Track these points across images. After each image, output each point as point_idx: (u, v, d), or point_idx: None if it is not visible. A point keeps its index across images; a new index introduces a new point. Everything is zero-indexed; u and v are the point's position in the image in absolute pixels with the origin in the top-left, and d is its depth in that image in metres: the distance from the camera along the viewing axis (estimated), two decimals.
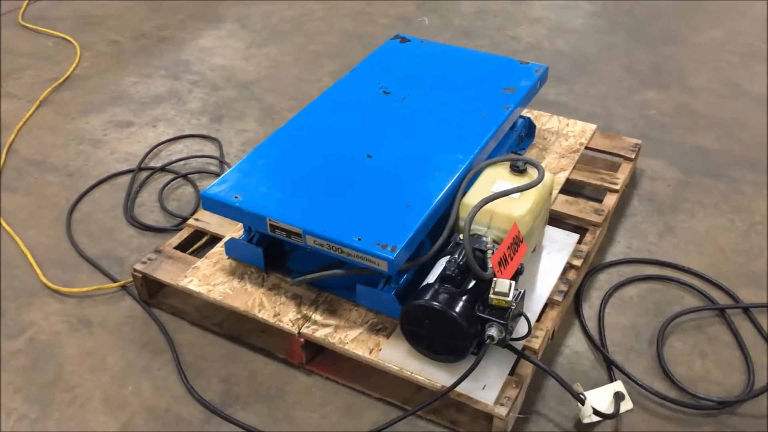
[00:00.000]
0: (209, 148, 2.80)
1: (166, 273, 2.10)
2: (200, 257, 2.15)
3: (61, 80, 3.19)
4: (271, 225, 1.85)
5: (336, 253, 1.79)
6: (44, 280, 2.24)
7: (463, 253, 1.84)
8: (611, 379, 1.94)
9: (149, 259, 2.14)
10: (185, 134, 2.87)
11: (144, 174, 2.67)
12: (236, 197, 1.90)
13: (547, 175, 2.07)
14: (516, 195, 1.96)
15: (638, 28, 3.58)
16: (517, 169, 2.04)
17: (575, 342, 2.06)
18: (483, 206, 1.87)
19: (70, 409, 1.87)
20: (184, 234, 2.26)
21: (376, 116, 2.24)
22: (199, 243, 2.29)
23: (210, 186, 1.95)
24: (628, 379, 1.93)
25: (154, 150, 2.78)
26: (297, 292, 2.02)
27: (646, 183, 2.62)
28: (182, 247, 2.24)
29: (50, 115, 3.00)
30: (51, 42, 3.50)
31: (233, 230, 2.21)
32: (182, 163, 2.73)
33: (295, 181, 1.97)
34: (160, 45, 3.48)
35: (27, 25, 3.62)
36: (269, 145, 2.12)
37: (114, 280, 2.24)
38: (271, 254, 2.09)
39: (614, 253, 2.34)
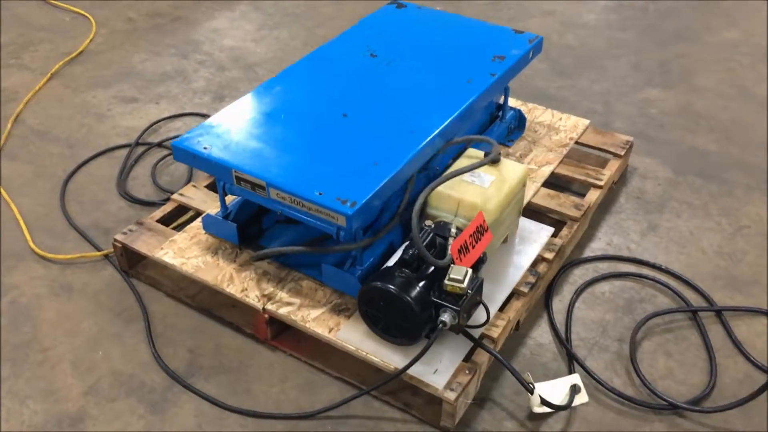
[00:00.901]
0: None
1: (144, 244, 2.16)
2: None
3: (73, 54, 3.28)
4: (236, 176, 1.87)
5: (297, 207, 1.80)
6: (32, 245, 2.32)
7: (426, 238, 1.86)
8: (570, 372, 1.94)
9: (130, 230, 2.21)
10: (185, 112, 2.93)
11: (141, 149, 2.74)
12: (205, 148, 1.92)
13: (520, 167, 2.08)
14: (485, 183, 1.97)
15: (652, 26, 3.53)
16: (492, 160, 2.05)
17: (540, 334, 2.07)
18: (430, 192, 1.89)
19: (40, 369, 1.95)
20: (167, 208, 2.32)
21: (358, 78, 2.23)
22: (182, 218, 2.35)
23: (181, 136, 1.98)
24: (587, 373, 1.93)
25: (154, 126, 2.85)
26: (267, 269, 2.06)
27: (636, 181, 2.60)
28: (165, 221, 2.29)
29: (59, 88, 3.08)
30: (69, 17, 3.60)
31: (215, 206, 2.26)
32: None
33: (265, 137, 1.98)
34: (174, 24, 3.55)
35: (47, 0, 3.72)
36: (245, 101, 2.13)
37: (98, 249, 2.31)
38: (246, 231, 2.14)
39: (593, 249, 2.34)
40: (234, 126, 2.02)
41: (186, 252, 2.12)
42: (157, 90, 3.08)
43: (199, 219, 2.21)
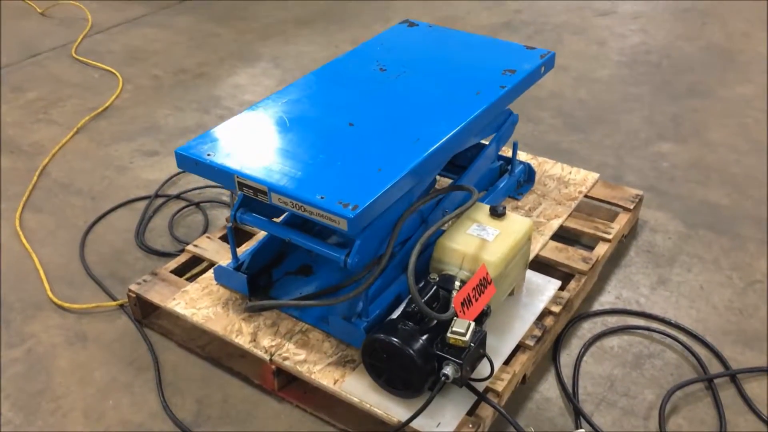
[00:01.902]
0: None
1: (157, 294, 2.21)
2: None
3: (100, 110, 3.40)
4: (239, 182, 1.85)
5: (299, 211, 1.78)
6: (50, 295, 2.38)
7: (431, 291, 1.89)
8: (577, 428, 1.93)
9: (144, 281, 2.26)
10: None
11: (160, 200, 2.82)
12: (209, 155, 1.92)
13: (525, 221, 2.10)
14: (490, 237, 2.00)
15: (665, 81, 3.57)
16: (496, 213, 2.08)
17: (547, 388, 2.06)
18: (420, 248, 1.90)
19: (52, 417, 1.99)
20: (181, 259, 2.38)
21: (366, 89, 2.24)
22: (196, 269, 2.40)
23: (185, 144, 1.99)
24: (594, 429, 1.91)
25: (173, 178, 2.93)
26: (276, 320, 2.09)
27: (646, 234, 2.60)
28: (179, 271, 2.35)
29: (84, 142, 3.20)
30: (98, 74, 3.74)
31: (227, 258, 2.31)
32: (197, 192, 2.86)
33: (269, 144, 1.98)
34: (197, 80, 3.67)
35: (78, 57, 3.88)
36: (251, 112, 2.13)
37: (114, 299, 2.37)
38: (257, 283, 2.18)
39: (602, 302, 2.34)
40: (238, 134, 2.02)
41: (197, 302, 2.16)
42: (178, 143, 3.17)
43: (212, 270, 2.26)
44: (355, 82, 2.29)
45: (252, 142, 1.99)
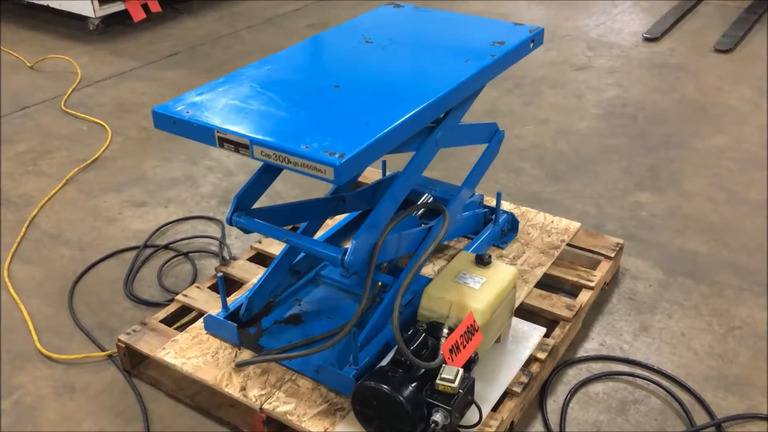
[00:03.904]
0: (213, 229, 2.97)
1: (146, 344, 2.22)
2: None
3: (89, 161, 3.44)
4: (219, 138, 1.80)
5: (282, 163, 1.73)
6: (39, 346, 2.38)
7: (420, 338, 1.92)
8: None
9: (133, 331, 2.27)
10: (192, 215, 3.05)
11: (149, 251, 2.84)
12: (187, 112, 1.87)
13: (510, 269, 2.16)
14: (476, 285, 2.05)
15: (641, 133, 3.68)
16: (482, 261, 2.14)
17: None
18: (401, 298, 1.95)
19: None
20: (171, 308, 2.39)
21: (352, 58, 2.20)
22: (185, 318, 2.42)
23: (162, 104, 1.94)
24: None
25: (162, 229, 2.96)
26: (265, 369, 2.11)
27: (627, 282, 2.66)
28: (169, 321, 2.36)
29: (73, 193, 3.23)
30: (86, 126, 3.79)
31: (218, 306, 2.33)
32: (185, 242, 2.89)
33: (250, 102, 1.93)
34: None
35: (68, 110, 3.93)
36: (231, 77, 2.07)
37: (102, 350, 2.37)
38: (247, 332, 2.21)
39: (587, 349, 2.38)
40: (217, 95, 1.98)
41: (187, 352, 2.17)
42: (166, 194, 3.21)
43: (201, 319, 2.28)
44: (340, 52, 2.26)
45: (232, 102, 1.94)
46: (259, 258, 2.65)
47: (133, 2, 4.92)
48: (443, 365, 1.83)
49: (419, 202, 2.57)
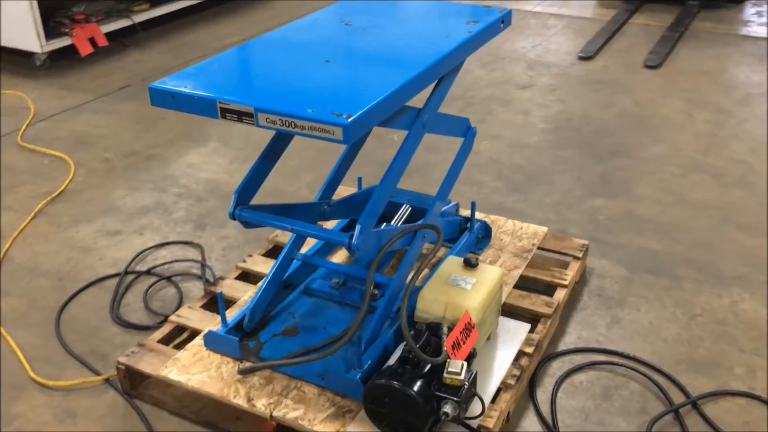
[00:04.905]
0: (192, 253, 3.02)
1: (147, 364, 2.26)
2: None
3: (55, 194, 3.43)
4: (221, 108, 1.82)
5: (289, 128, 1.76)
6: (32, 374, 2.38)
7: (423, 338, 2.03)
8: None
9: (132, 352, 2.30)
10: (170, 241, 3.09)
11: (130, 277, 2.86)
12: (185, 87, 1.89)
13: (497, 270, 2.30)
14: (468, 286, 2.18)
15: (588, 144, 3.92)
16: (470, 264, 2.27)
17: (530, 424, 2.22)
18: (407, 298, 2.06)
19: None
20: (166, 329, 2.43)
21: (336, 38, 2.28)
22: (179, 338, 2.46)
23: (157, 81, 1.95)
24: None
25: (141, 255, 2.99)
26: (270, 379, 2.17)
27: (595, 280, 2.84)
28: (164, 341, 2.40)
29: (44, 226, 3.21)
30: (47, 160, 3.77)
31: (213, 323, 2.38)
32: (166, 266, 2.93)
33: (247, 75, 1.99)
34: (149, 162, 3.76)
35: (25, 145, 3.90)
36: (220, 58, 2.10)
37: (98, 374, 2.39)
38: (246, 346, 2.27)
39: (566, 343, 2.53)
40: (210, 71, 2.01)
41: (190, 368, 2.22)
42: (139, 222, 3.24)
43: (200, 337, 2.33)
44: (323, 33, 2.31)
45: (227, 77, 1.98)
46: (245, 276, 2.71)
47: (79, 37, 4.92)
48: (448, 360, 1.94)
49: (399, 213, 2.70)
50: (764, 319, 2.63)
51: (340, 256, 2.75)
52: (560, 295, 2.58)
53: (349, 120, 1.70)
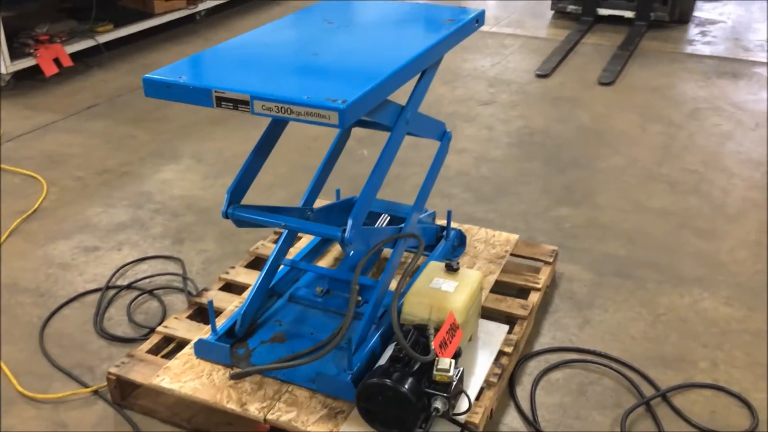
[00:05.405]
0: (173, 267, 3.06)
1: (138, 374, 2.29)
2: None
3: (29, 212, 3.44)
4: (217, 97, 1.86)
5: (285, 115, 1.80)
6: (20, 388, 2.39)
7: (412, 338, 2.13)
8: None
9: (122, 363, 2.34)
10: (149, 255, 3.12)
11: (112, 292, 2.89)
12: (180, 77, 1.92)
13: (477, 273, 2.41)
14: (450, 289, 2.28)
15: (550, 157, 4.08)
16: (451, 268, 2.38)
17: (511, 420, 2.32)
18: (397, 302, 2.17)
19: None
20: (154, 340, 2.47)
21: (320, 34, 2.34)
22: (166, 349, 2.50)
23: (151, 72, 1.98)
24: None
25: (121, 270, 3.02)
26: (261, 385, 2.23)
27: (565, 284, 2.98)
28: (152, 352, 2.44)
29: (20, 244, 3.22)
30: (18, 179, 3.77)
31: (201, 333, 2.43)
32: (147, 281, 2.96)
33: (240, 66, 2.03)
34: (122, 179, 3.79)
35: None
36: (210, 52, 2.15)
37: (86, 386, 2.41)
38: (236, 353, 2.33)
39: (541, 343, 2.65)
40: (203, 65, 2.06)
41: (182, 376, 2.27)
42: (117, 238, 3.26)
43: (189, 345, 2.38)
44: (307, 29, 2.38)
45: (221, 66, 2.04)
46: (229, 287, 2.77)
47: (44, 57, 4.91)
48: (437, 358, 2.04)
49: (379, 221, 2.80)
50: (724, 317, 2.80)
51: (324, 263, 2.83)
52: (534, 297, 2.70)
53: (344, 105, 1.76)
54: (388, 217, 2.83)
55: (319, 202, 3.08)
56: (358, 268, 2.23)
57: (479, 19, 2.59)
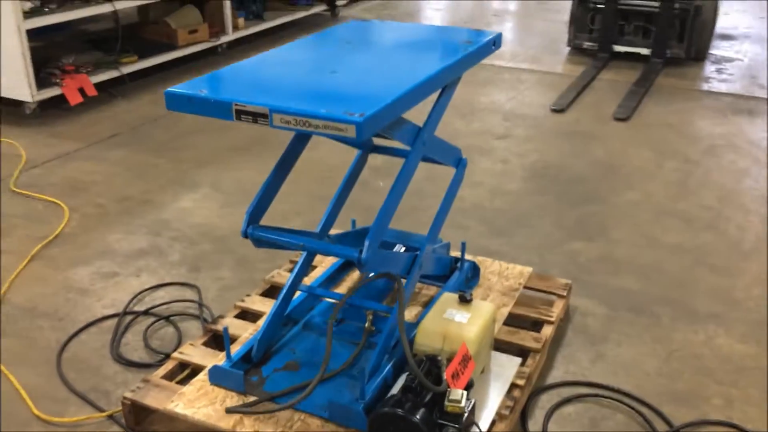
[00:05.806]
0: (189, 294, 3.10)
1: (153, 399, 2.32)
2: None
3: (50, 238, 3.50)
4: (237, 110, 1.89)
5: (303, 128, 1.83)
6: (36, 411, 2.42)
7: (424, 368, 2.14)
8: None
9: (138, 388, 2.37)
10: (166, 282, 3.16)
11: (129, 318, 2.93)
12: (201, 91, 1.96)
13: (490, 306, 2.44)
14: (464, 320, 2.30)
15: (564, 191, 4.11)
16: (465, 300, 2.40)
17: None
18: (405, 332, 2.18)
19: None
20: (169, 366, 2.50)
21: (339, 54, 2.39)
22: (181, 375, 2.53)
23: (172, 86, 2.02)
24: None
25: (138, 296, 3.06)
26: (275, 411, 2.25)
27: (578, 318, 2.98)
28: (167, 377, 2.46)
29: (41, 269, 3.27)
30: (41, 205, 3.84)
31: (215, 359, 2.46)
32: (164, 307, 3.00)
33: (259, 83, 2.08)
34: (143, 207, 3.85)
35: (19, 190, 3.97)
36: (228, 70, 2.19)
37: (102, 411, 2.44)
38: (250, 380, 2.35)
39: (554, 376, 2.65)
40: (223, 80, 2.11)
41: (196, 402, 2.29)
42: (135, 264, 3.31)
43: (204, 372, 2.40)
44: (325, 49, 2.43)
45: (240, 83, 2.09)
46: (244, 315, 2.80)
47: (69, 87, 5.03)
48: (448, 389, 2.05)
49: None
50: (738, 354, 2.79)
51: (340, 290, 2.86)
52: (548, 330, 2.71)
53: (362, 118, 1.79)
54: (403, 248, 2.86)
55: (334, 232, 3.13)
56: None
57: (496, 41, 2.62)
